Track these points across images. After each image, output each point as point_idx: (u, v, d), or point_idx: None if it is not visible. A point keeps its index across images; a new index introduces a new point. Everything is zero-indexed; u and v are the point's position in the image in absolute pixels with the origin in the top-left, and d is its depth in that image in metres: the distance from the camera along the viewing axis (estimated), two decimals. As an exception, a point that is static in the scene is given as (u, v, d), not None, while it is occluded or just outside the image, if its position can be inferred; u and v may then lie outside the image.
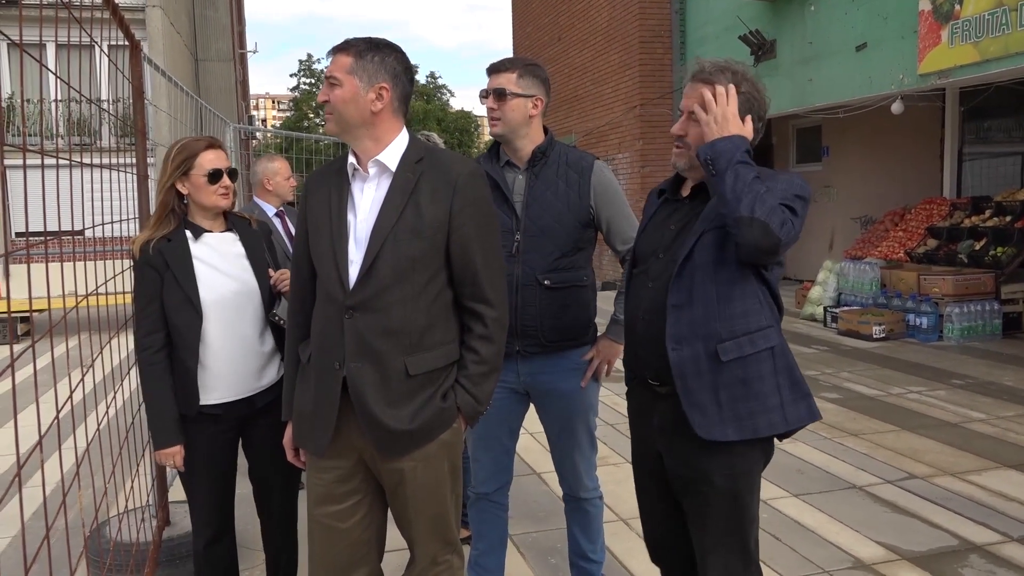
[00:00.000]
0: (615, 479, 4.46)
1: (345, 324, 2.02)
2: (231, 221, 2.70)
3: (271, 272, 2.70)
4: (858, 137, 11.89)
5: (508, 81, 2.66)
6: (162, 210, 2.56)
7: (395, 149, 2.10)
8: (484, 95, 2.70)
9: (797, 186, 2.05)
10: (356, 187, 2.12)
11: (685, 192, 2.26)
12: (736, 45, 10.81)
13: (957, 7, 7.54)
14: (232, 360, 2.57)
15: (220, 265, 2.60)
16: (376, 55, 2.05)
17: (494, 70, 2.71)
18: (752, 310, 2.07)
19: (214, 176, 2.57)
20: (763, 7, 10.56)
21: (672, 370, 2.08)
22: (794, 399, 2.11)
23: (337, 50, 2.07)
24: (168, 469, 3.63)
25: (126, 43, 3.48)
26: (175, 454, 2.52)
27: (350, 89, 2.02)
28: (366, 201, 2.09)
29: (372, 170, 2.09)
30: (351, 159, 2.12)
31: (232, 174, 2.65)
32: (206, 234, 2.61)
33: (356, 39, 2.08)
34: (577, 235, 2.72)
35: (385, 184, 2.09)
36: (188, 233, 2.57)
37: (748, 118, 2.10)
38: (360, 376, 2.02)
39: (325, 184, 2.16)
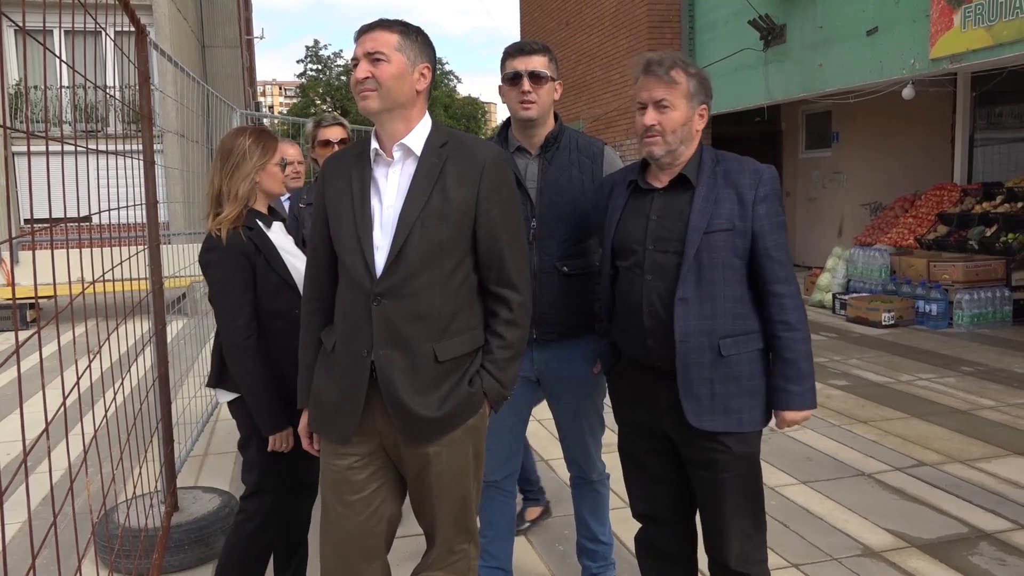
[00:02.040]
0: (623, 466, 4.46)
1: (373, 311, 2.00)
2: (270, 210, 2.78)
3: None
4: (868, 123, 11.80)
5: (542, 64, 2.63)
6: (245, 200, 2.60)
7: (420, 133, 2.08)
8: (515, 77, 2.61)
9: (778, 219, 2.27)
10: (379, 172, 2.09)
11: (658, 182, 2.32)
12: (745, 30, 10.72)
13: (970, -10, 7.45)
14: None
15: (291, 250, 2.72)
16: (419, 36, 2.07)
17: (527, 51, 2.64)
18: (749, 313, 2.25)
19: (284, 165, 2.74)
20: (773, -9, 10.46)
21: (676, 360, 2.22)
22: (754, 407, 2.28)
23: (376, 27, 2.03)
24: (177, 455, 3.64)
25: (132, 29, 3.46)
26: (289, 435, 2.57)
27: (398, 65, 2.00)
28: (391, 186, 2.07)
29: (397, 154, 2.07)
30: (374, 144, 2.09)
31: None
32: (275, 222, 2.72)
33: (391, 20, 2.07)
34: (590, 221, 2.72)
35: (410, 169, 2.07)
36: (259, 221, 2.63)
37: (705, 106, 2.29)
38: (389, 363, 2.00)
39: (344, 169, 2.11)
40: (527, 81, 2.61)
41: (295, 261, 2.66)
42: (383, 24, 2.04)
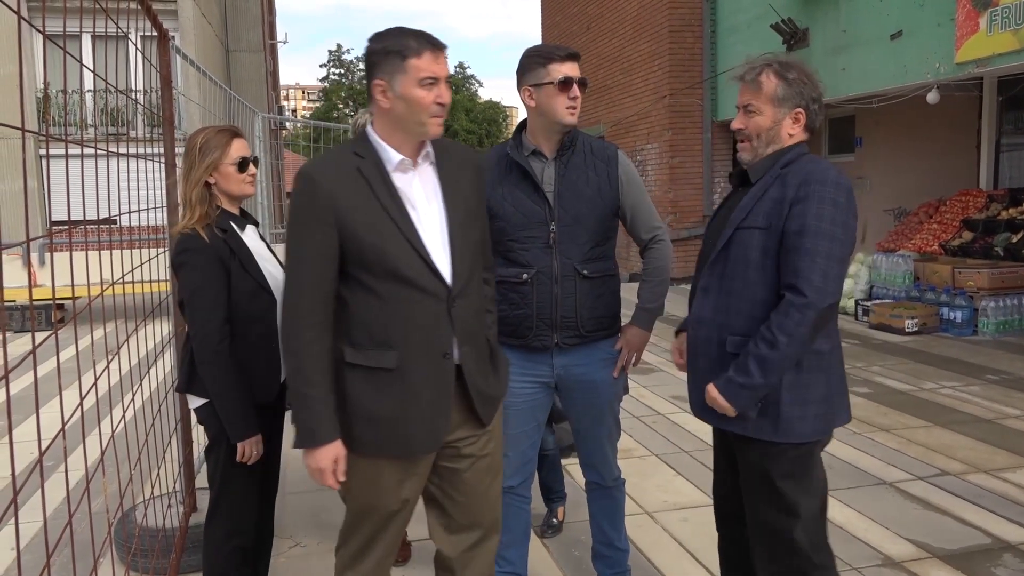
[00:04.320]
0: (640, 472, 4.43)
1: (453, 314, 2.08)
2: (242, 213, 2.74)
3: None
4: (892, 127, 11.67)
5: (580, 70, 2.66)
6: (200, 201, 2.55)
7: None
8: (567, 82, 2.58)
9: (825, 226, 2.10)
10: (399, 180, 2.07)
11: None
12: (768, 34, 10.65)
13: (996, -6, 7.36)
14: None
15: (264, 254, 2.69)
16: None
17: (575, 57, 2.64)
18: (764, 319, 2.15)
19: (242, 165, 2.62)
20: (796, -5, 10.39)
21: (688, 347, 2.32)
22: (762, 414, 2.20)
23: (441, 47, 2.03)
24: (196, 456, 3.66)
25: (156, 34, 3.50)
26: (258, 442, 2.54)
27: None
28: (419, 193, 2.09)
29: (422, 162, 2.11)
30: (393, 154, 2.06)
31: (255, 162, 2.70)
32: (248, 225, 2.67)
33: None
34: (608, 224, 2.74)
35: (427, 174, 2.12)
36: (233, 224, 2.60)
37: (800, 111, 2.21)
38: (470, 359, 2.14)
39: (352, 183, 2.02)
40: (577, 87, 2.62)
41: (269, 266, 2.65)
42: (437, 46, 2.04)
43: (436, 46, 2.00)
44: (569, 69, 2.61)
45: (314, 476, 2.04)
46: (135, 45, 3.09)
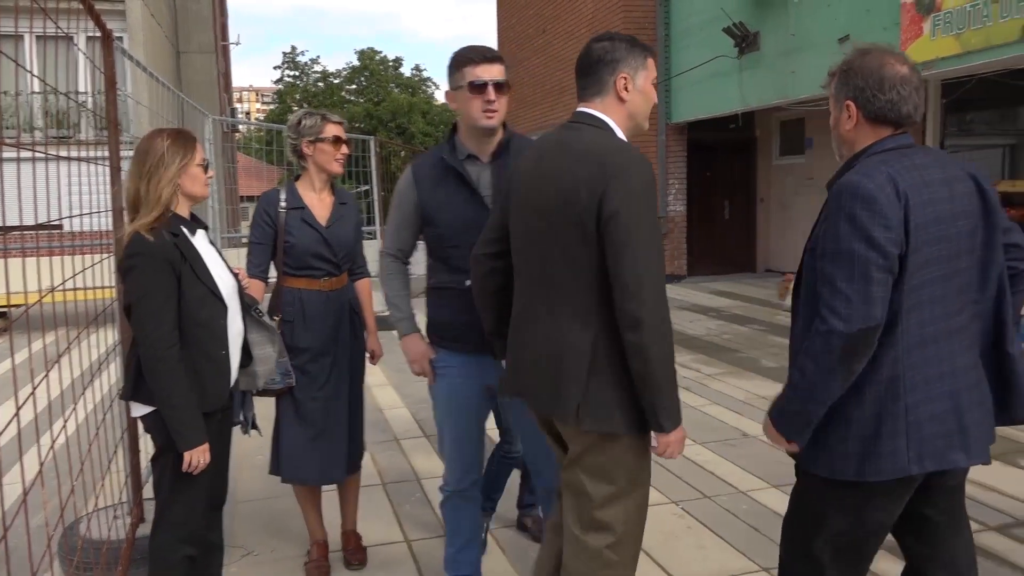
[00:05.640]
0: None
1: None
2: (192, 217, 2.69)
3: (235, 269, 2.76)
4: (841, 129, 11.89)
5: (502, 72, 2.61)
6: (165, 202, 2.50)
7: None
8: (481, 86, 2.56)
9: (840, 248, 1.88)
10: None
11: None
12: (720, 37, 10.80)
13: (938, -1, 7.56)
14: (237, 351, 2.67)
15: (214, 258, 2.65)
16: None
17: (491, 59, 2.59)
18: None
19: (206, 167, 2.63)
20: (747, -1, 10.55)
21: None
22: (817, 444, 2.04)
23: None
24: (143, 464, 3.59)
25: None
26: (206, 451, 2.48)
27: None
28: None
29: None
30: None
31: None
32: (198, 229, 2.63)
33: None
34: None
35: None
36: (184, 228, 2.56)
37: (849, 102, 2.09)
38: None
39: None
40: (492, 90, 2.57)
41: (219, 271, 2.62)
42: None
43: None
44: (484, 72, 2.56)
45: None
46: (76, 46, 3.02)
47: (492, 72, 2.57)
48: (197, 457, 2.46)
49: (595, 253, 2.01)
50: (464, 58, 2.59)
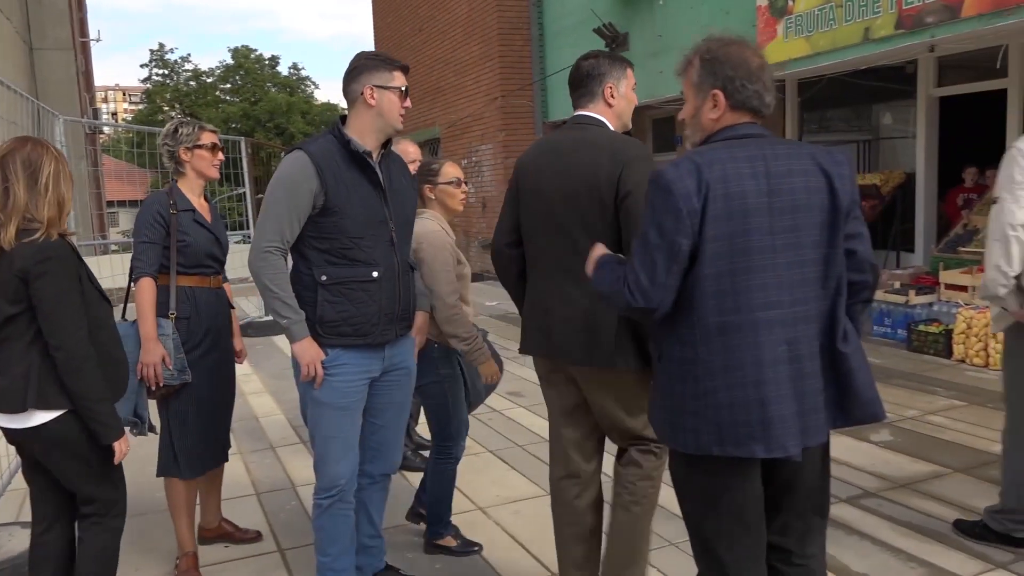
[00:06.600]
0: (474, 468, 4.49)
1: None
2: None
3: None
4: (709, 126, 12.38)
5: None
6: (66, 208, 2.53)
7: None
8: (406, 92, 2.79)
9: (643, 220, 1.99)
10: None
11: None
12: (591, 37, 11.04)
13: (790, 3, 7.98)
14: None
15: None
16: None
17: (407, 70, 2.85)
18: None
19: None
20: (616, 1, 10.83)
21: None
22: None
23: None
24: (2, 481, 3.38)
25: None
26: (127, 440, 2.58)
27: None
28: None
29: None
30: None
31: None
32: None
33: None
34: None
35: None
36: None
37: (717, 91, 2.05)
38: None
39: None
40: (408, 98, 2.81)
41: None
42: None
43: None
44: (405, 80, 2.80)
45: None
46: None
47: (406, 81, 2.82)
48: (124, 446, 2.54)
49: (612, 224, 2.48)
50: (397, 63, 2.79)
